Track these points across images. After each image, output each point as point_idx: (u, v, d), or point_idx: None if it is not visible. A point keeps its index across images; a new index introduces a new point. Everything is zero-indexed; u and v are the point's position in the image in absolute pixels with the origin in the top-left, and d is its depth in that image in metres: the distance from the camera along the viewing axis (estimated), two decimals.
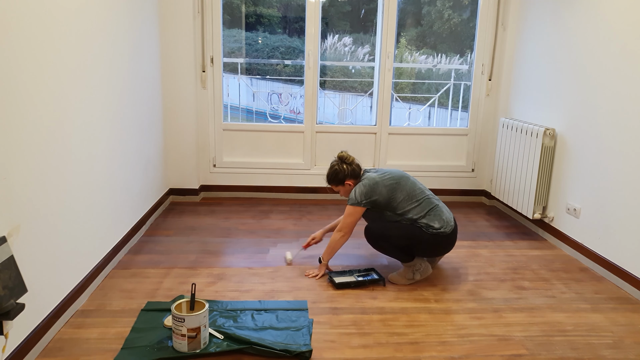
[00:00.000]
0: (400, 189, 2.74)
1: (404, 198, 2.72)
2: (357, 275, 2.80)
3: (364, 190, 2.72)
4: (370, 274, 2.83)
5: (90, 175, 2.55)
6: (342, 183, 2.84)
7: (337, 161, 2.86)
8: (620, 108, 2.86)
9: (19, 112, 1.89)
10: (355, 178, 2.83)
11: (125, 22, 3.02)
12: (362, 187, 2.73)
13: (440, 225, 2.68)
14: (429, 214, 2.71)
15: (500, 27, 4.13)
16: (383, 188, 2.72)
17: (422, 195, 2.76)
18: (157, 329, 2.23)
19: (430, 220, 2.69)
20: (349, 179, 2.83)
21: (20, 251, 1.87)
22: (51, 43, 2.13)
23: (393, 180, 2.75)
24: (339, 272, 2.84)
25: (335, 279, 2.74)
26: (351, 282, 2.72)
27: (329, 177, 2.88)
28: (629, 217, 2.78)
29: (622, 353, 2.18)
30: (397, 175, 2.79)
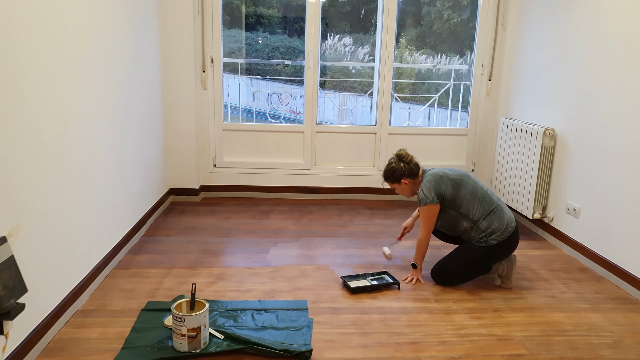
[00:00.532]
0: (465, 185, 2.70)
1: (468, 196, 2.68)
2: (371, 279, 2.79)
3: (430, 186, 2.69)
4: (384, 278, 2.81)
5: (91, 175, 2.55)
6: (398, 181, 2.81)
7: (395, 159, 2.83)
8: (621, 108, 2.86)
9: (19, 112, 1.89)
10: (413, 177, 2.79)
11: (125, 22, 3.02)
12: (427, 184, 2.70)
13: (501, 225, 2.65)
14: (490, 215, 2.67)
15: (500, 27, 4.13)
16: (448, 182, 2.69)
17: (484, 194, 2.72)
18: (157, 328, 2.23)
19: (490, 222, 2.65)
20: (406, 178, 2.79)
21: (20, 251, 1.87)
22: (51, 43, 2.13)
23: (457, 176, 2.72)
24: (352, 276, 2.80)
25: (350, 284, 2.70)
26: (366, 287, 2.69)
27: (385, 175, 2.85)
28: (629, 217, 2.78)
29: (622, 353, 2.18)
30: (460, 172, 2.78)
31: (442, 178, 2.70)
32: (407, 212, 4.08)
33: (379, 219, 3.88)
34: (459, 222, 2.72)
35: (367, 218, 3.90)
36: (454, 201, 2.69)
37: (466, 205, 2.68)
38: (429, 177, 2.73)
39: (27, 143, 1.95)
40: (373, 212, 4.05)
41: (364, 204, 4.27)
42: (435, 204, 2.68)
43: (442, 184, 2.69)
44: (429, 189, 2.69)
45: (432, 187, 2.69)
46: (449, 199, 2.69)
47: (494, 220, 2.65)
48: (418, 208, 2.85)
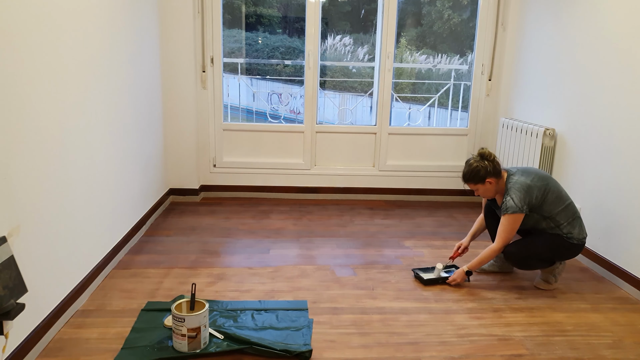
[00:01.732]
0: (551, 190, 2.62)
1: (555, 201, 2.61)
2: (442, 272, 2.84)
3: (521, 196, 2.56)
4: (453, 271, 2.87)
5: (90, 176, 2.55)
6: (482, 181, 2.65)
7: (477, 158, 2.68)
8: (620, 108, 2.86)
9: (19, 112, 1.89)
10: (497, 176, 2.65)
11: (125, 22, 3.02)
12: (517, 193, 2.57)
13: (579, 233, 2.63)
14: (574, 221, 2.63)
15: (500, 27, 4.13)
16: (537, 190, 2.59)
17: (568, 198, 2.66)
18: (157, 329, 2.23)
19: (572, 227, 2.62)
20: (491, 177, 2.64)
21: (20, 251, 1.87)
22: (50, 43, 2.13)
23: (542, 182, 2.62)
24: (422, 268, 2.89)
25: (423, 276, 2.79)
26: (438, 279, 2.77)
27: (467, 176, 2.68)
28: (629, 217, 2.78)
29: (622, 353, 2.18)
30: (543, 176, 2.66)
31: (530, 187, 2.58)
32: (407, 212, 4.08)
33: (379, 219, 3.88)
34: (539, 223, 2.67)
35: (367, 218, 3.90)
36: (541, 207, 2.61)
37: (551, 209, 2.61)
38: (517, 186, 2.59)
39: (27, 143, 1.95)
40: (373, 212, 4.05)
41: (364, 204, 4.27)
42: (523, 213, 2.57)
43: (532, 194, 2.58)
44: (520, 199, 2.55)
45: (523, 197, 2.56)
46: (537, 205, 2.61)
47: (576, 226, 2.64)
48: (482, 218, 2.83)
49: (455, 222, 3.86)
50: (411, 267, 2.99)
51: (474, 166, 2.66)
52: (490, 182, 2.66)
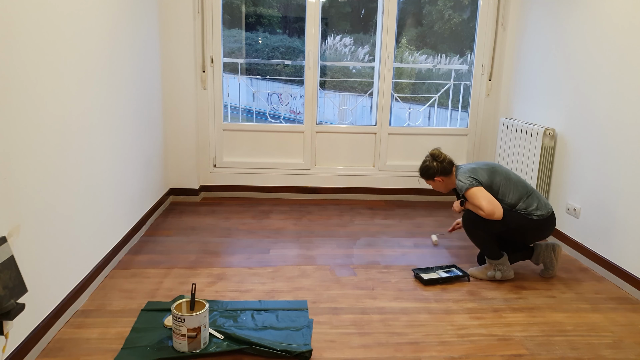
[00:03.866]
0: (498, 172, 2.81)
1: (504, 182, 2.78)
2: (441, 272, 2.88)
3: (466, 175, 2.80)
4: (453, 270, 2.91)
5: (90, 175, 2.55)
6: (432, 178, 2.95)
7: (429, 158, 2.96)
8: (620, 108, 2.86)
9: (19, 112, 1.89)
10: (446, 174, 2.92)
11: (125, 22, 3.02)
12: (463, 175, 2.81)
13: (538, 207, 2.74)
14: (528, 198, 2.77)
15: (500, 27, 4.13)
16: (482, 171, 2.81)
17: (517, 179, 2.83)
18: (157, 329, 2.23)
19: (528, 204, 2.75)
20: (439, 175, 2.92)
21: (20, 251, 1.87)
22: (50, 43, 2.13)
23: (488, 166, 2.85)
24: (422, 269, 2.92)
25: (423, 276, 2.82)
26: (438, 279, 2.80)
27: (420, 172, 3.00)
28: (629, 217, 2.78)
29: (622, 353, 2.18)
30: (490, 163, 2.90)
31: (475, 169, 2.82)
32: (407, 212, 4.08)
33: (379, 219, 3.88)
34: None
35: (367, 218, 3.90)
36: (490, 187, 2.77)
37: (503, 191, 2.77)
38: (462, 169, 2.87)
39: (27, 143, 1.95)
40: (373, 212, 4.05)
41: (364, 204, 4.27)
42: (476, 186, 2.74)
43: (476, 172, 2.80)
44: (466, 177, 2.78)
45: (469, 175, 2.79)
46: (486, 184, 2.77)
47: (533, 202, 2.76)
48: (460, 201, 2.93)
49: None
50: (416, 266, 2.99)
51: (425, 165, 2.96)
52: (439, 180, 2.95)
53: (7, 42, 1.81)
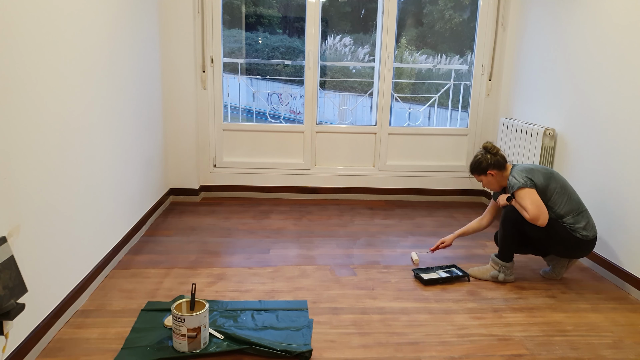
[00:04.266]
0: (555, 179, 2.69)
1: (559, 190, 2.66)
2: (441, 272, 2.88)
3: (522, 173, 2.67)
4: (453, 270, 2.91)
5: (91, 175, 2.55)
6: (484, 172, 2.81)
7: (481, 151, 2.83)
8: (620, 108, 2.86)
9: (19, 112, 1.89)
10: (499, 169, 2.78)
11: (125, 22, 3.02)
12: (519, 172, 2.69)
13: (585, 227, 2.63)
14: (579, 215, 2.65)
15: (500, 27, 4.13)
16: (539, 174, 2.67)
17: (573, 193, 2.70)
18: (157, 329, 2.23)
19: (577, 220, 2.64)
20: (492, 169, 2.78)
21: (20, 251, 1.87)
22: (50, 43, 2.13)
23: (546, 171, 2.71)
24: (422, 269, 2.92)
25: (423, 276, 2.82)
26: (438, 279, 2.80)
27: (471, 167, 2.85)
28: (629, 217, 2.78)
29: (622, 353, 2.18)
30: (548, 168, 2.76)
31: (533, 170, 2.69)
32: (407, 212, 4.08)
33: (379, 219, 3.88)
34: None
35: (367, 218, 3.90)
36: (544, 192, 2.65)
37: (555, 199, 2.65)
38: (519, 167, 2.73)
39: (27, 143, 1.95)
40: (373, 212, 4.05)
41: (364, 204, 4.27)
42: (529, 187, 2.62)
43: (532, 173, 2.67)
44: (521, 176, 2.66)
45: (525, 175, 2.66)
46: (540, 188, 2.64)
47: (581, 220, 2.64)
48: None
49: (455, 222, 3.86)
50: (411, 268, 2.99)
51: (477, 158, 2.83)
52: (492, 174, 2.80)
53: (7, 42, 1.81)
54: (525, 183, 2.64)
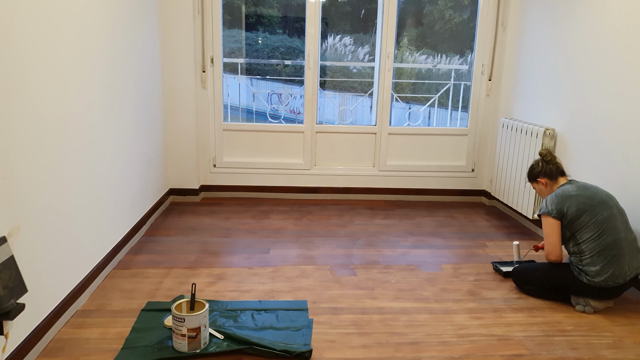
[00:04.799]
0: (592, 213, 2.48)
1: (590, 225, 2.47)
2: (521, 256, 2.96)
3: (554, 199, 2.56)
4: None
5: (91, 175, 2.55)
6: (535, 180, 2.75)
7: (538, 158, 2.78)
8: (620, 108, 2.86)
9: (19, 112, 1.89)
10: (550, 178, 2.69)
11: (125, 22, 3.02)
12: (553, 196, 2.58)
13: (598, 273, 2.43)
14: (601, 254, 2.44)
15: (500, 27, 4.13)
16: (574, 203, 2.51)
17: (611, 232, 2.44)
18: (157, 329, 2.23)
19: (594, 262, 2.45)
20: (542, 177, 2.70)
21: (20, 251, 1.87)
22: (51, 43, 2.13)
23: (589, 201, 2.50)
24: (502, 262, 2.98)
25: (502, 269, 2.89)
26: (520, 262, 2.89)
27: (527, 173, 2.82)
28: (629, 217, 2.77)
29: (622, 353, 2.18)
30: (597, 199, 2.51)
31: (570, 197, 2.52)
32: (407, 212, 4.08)
33: (379, 219, 3.88)
34: (568, 243, 2.59)
35: (367, 218, 3.90)
36: (573, 223, 2.52)
37: (582, 234, 2.50)
38: (559, 191, 2.59)
39: (27, 143, 1.95)
40: (373, 212, 4.05)
41: (364, 204, 4.27)
42: (553, 217, 2.54)
43: (566, 202, 2.52)
44: (552, 202, 2.56)
45: (555, 200, 2.56)
46: (569, 219, 2.52)
47: (598, 262, 2.44)
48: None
49: (455, 222, 3.86)
50: (416, 266, 2.99)
51: (532, 164, 2.79)
52: (542, 183, 2.73)
53: (7, 42, 1.81)
54: (550, 211, 2.56)
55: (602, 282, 2.44)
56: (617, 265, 2.43)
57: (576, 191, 2.55)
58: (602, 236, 2.46)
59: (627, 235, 2.48)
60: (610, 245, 2.44)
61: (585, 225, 2.49)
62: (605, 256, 2.44)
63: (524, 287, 2.71)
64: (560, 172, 2.71)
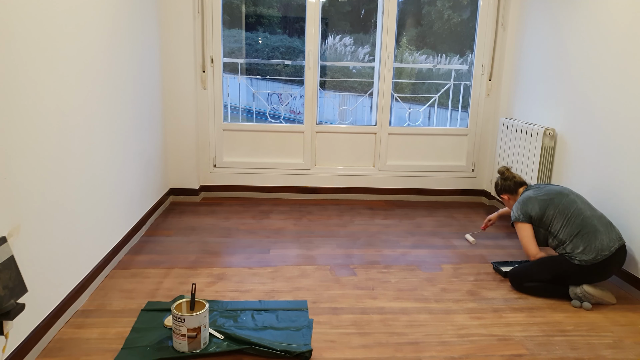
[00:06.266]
0: (554, 205, 2.73)
1: (556, 215, 2.71)
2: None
3: (518, 206, 2.84)
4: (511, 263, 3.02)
5: (91, 175, 2.55)
6: (499, 195, 3.12)
7: (499, 175, 3.12)
8: (620, 108, 2.86)
9: (20, 112, 1.89)
10: (511, 193, 3.04)
11: (125, 22, 3.02)
12: (517, 204, 2.87)
13: (584, 251, 2.56)
14: (578, 236, 2.60)
15: (500, 27, 4.13)
16: (535, 203, 2.78)
17: (577, 214, 2.66)
18: (157, 329, 2.23)
19: (575, 245, 2.60)
20: (503, 194, 3.08)
21: (20, 251, 1.87)
22: (51, 43, 2.13)
23: (547, 196, 2.78)
24: (502, 262, 3.02)
25: (502, 269, 2.92)
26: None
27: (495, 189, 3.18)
28: (629, 217, 2.77)
29: (622, 353, 2.18)
30: (553, 192, 2.80)
31: (530, 199, 2.81)
32: (407, 212, 4.08)
33: (379, 219, 3.88)
34: (547, 239, 2.78)
35: (367, 218, 3.90)
36: (541, 221, 2.76)
37: (554, 225, 2.71)
38: (520, 198, 2.90)
39: (27, 143, 1.95)
40: (373, 212, 4.05)
41: (364, 204, 4.27)
42: (522, 222, 2.79)
43: (528, 204, 2.79)
44: (517, 209, 2.84)
45: (519, 207, 2.83)
46: (536, 218, 2.76)
47: (579, 244, 2.59)
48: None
49: (455, 222, 3.86)
50: (416, 266, 2.99)
51: (495, 182, 3.16)
52: (505, 198, 3.10)
53: (7, 42, 1.81)
54: (518, 217, 2.81)
55: (592, 259, 2.55)
56: (596, 240, 2.58)
57: (534, 193, 2.85)
58: (571, 220, 2.67)
59: (593, 212, 2.69)
60: (581, 225, 2.63)
61: (553, 218, 2.72)
62: (583, 235, 2.61)
63: (524, 285, 2.71)
64: (519, 184, 3.04)
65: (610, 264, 2.57)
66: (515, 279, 2.74)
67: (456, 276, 2.90)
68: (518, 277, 2.73)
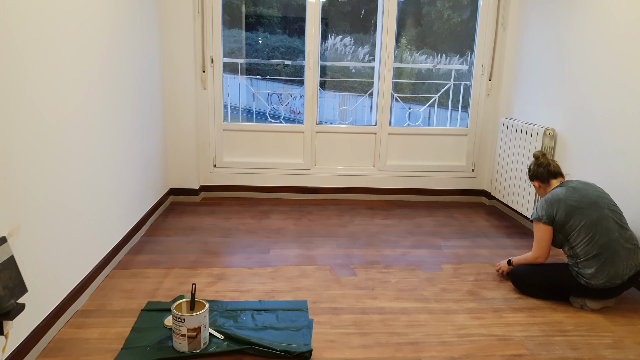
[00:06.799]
0: (582, 216, 2.49)
1: (580, 228, 2.49)
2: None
3: (544, 205, 2.60)
4: None
5: (91, 175, 2.55)
6: (531, 180, 2.81)
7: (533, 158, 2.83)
8: (620, 108, 2.86)
9: (20, 112, 1.89)
10: (543, 181, 2.73)
11: (125, 22, 3.02)
12: (543, 201, 2.62)
13: (594, 275, 2.44)
14: (594, 258, 2.45)
15: (500, 27, 4.13)
16: (563, 207, 2.53)
17: (603, 233, 2.45)
18: (157, 329, 2.23)
19: (586, 266, 2.46)
20: (534, 180, 2.77)
21: (20, 251, 1.87)
22: (51, 43, 2.13)
23: (578, 204, 2.51)
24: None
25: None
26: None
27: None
28: (629, 218, 2.77)
29: (622, 353, 2.18)
30: (587, 200, 2.52)
31: (559, 200, 2.55)
32: (407, 212, 4.08)
33: (379, 219, 3.88)
34: (562, 245, 2.62)
35: (367, 218, 3.90)
36: (563, 227, 2.56)
37: (575, 236, 2.52)
38: (549, 195, 2.63)
39: (27, 143, 1.95)
40: (373, 212, 4.05)
41: (364, 204, 4.27)
42: (543, 223, 2.58)
43: (554, 206, 2.56)
44: (542, 207, 2.61)
45: (544, 206, 2.60)
46: (559, 223, 2.56)
47: (593, 265, 2.45)
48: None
49: (455, 222, 3.86)
50: (416, 266, 2.99)
51: (528, 166, 2.84)
52: (536, 185, 2.79)
53: (7, 41, 1.81)
54: (540, 217, 2.60)
55: (600, 285, 2.46)
56: (612, 267, 2.43)
57: (565, 194, 2.57)
58: (594, 238, 2.47)
59: (622, 233, 2.47)
60: (603, 247, 2.45)
61: (575, 229, 2.51)
62: (599, 259, 2.45)
63: (524, 289, 2.70)
64: (553, 174, 2.71)
65: (617, 290, 2.49)
66: (517, 281, 2.73)
67: (456, 276, 2.90)
68: (519, 280, 2.72)
